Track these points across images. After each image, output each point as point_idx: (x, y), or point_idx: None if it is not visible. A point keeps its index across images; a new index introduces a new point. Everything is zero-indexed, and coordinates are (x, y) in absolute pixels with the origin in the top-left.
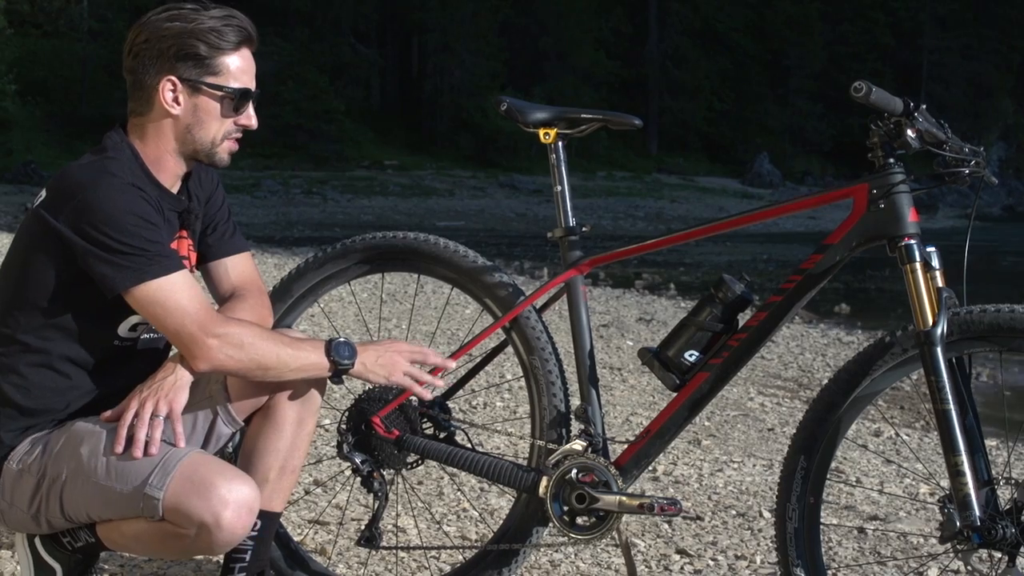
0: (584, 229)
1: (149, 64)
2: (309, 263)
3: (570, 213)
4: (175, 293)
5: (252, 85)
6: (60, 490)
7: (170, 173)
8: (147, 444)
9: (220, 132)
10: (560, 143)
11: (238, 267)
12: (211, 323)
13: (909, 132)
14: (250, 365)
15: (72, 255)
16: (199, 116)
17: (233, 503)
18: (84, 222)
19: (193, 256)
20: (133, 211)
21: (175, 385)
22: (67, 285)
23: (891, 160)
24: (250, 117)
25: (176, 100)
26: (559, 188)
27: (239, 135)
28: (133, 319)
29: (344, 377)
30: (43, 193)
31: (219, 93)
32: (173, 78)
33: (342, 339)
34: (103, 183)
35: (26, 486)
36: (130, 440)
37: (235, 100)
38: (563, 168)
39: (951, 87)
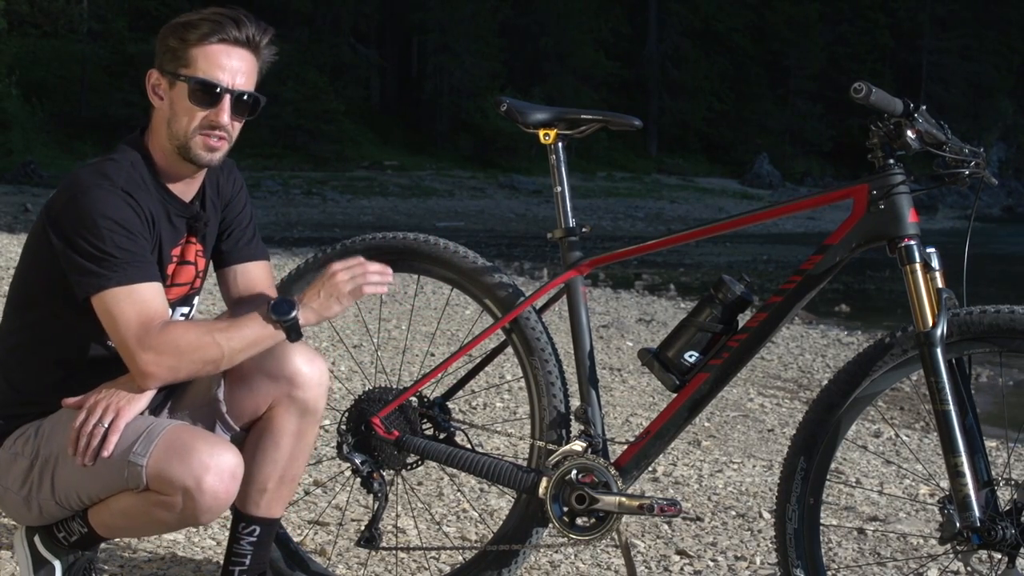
0: (584, 230)
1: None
2: (309, 264)
3: (570, 214)
4: (126, 303)
5: (230, 83)
6: (52, 470)
7: (178, 176)
8: (85, 452)
9: (191, 124)
10: (560, 144)
11: (248, 274)
12: (148, 335)
13: (909, 133)
14: (195, 367)
15: (56, 253)
16: (175, 108)
17: (215, 467)
18: (64, 223)
19: (201, 262)
20: (109, 216)
21: (130, 395)
22: (60, 282)
23: (891, 161)
24: (218, 114)
25: (158, 93)
26: (559, 189)
27: (217, 132)
28: None
29: (303, 332)
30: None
31: (186, 84)
32: (154, 71)
33: (278, 298)
34: (92, 185)
35: (19, 469)
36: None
37: (200, 91)
38: (563, 169)
39: (951, 88)
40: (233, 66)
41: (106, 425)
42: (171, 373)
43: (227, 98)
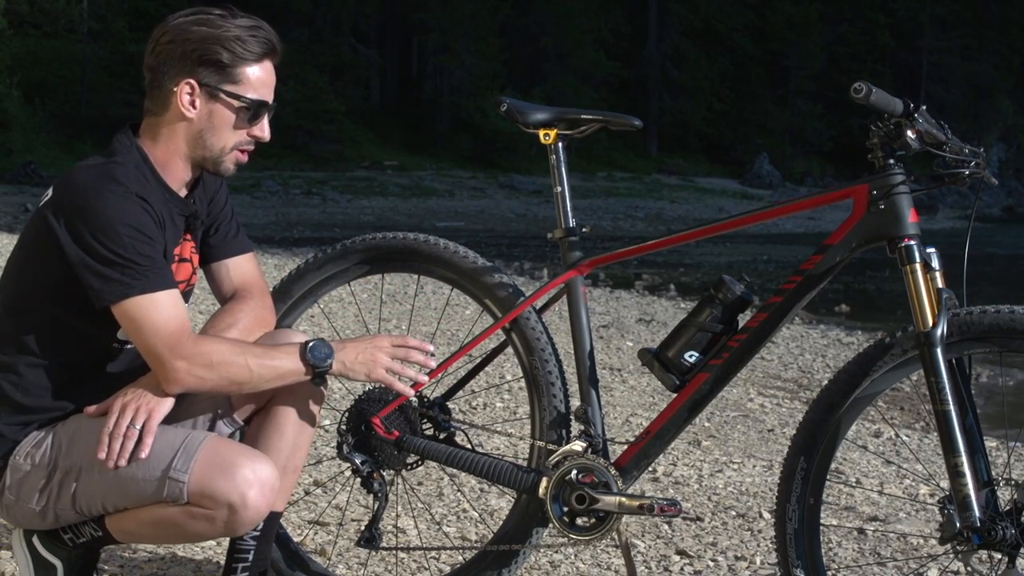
0: (584, 230)
1: (170, 65)
2: (309, 264)
3: (570, 214)
4: (153, 311)
5: (270, 98)
6: (74, 482)
7: (178, 177)
8: (119, 454)
9: (231, 141)
10: (560, 144)
11: (239, 268)
12: (181, 344)
13: (909, 133)
14: (222, 383)
15: (68, 257)
16: (213, 122)
17: (257, 482)
18: (81, 227)
19: (195, 258)
20: (130, 222)
21: (157, 395)
22: (65, 285)
23: (891, 161)
24: (263, 129)
25: (192, 103)
26: (559, 189)
27: (250, 147)
28: None
29: (328, 377)
30: (49, 192)
31: (236, 103)
32: (192, 81)
33: (317, 340)
34: (106, 190)
35: (35, 480)
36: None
37: (251, 111)
38: (563, 169)
39: (951, 88)
40: (272, 80)
41: (138, 427)
42: (198, 383)
43: (267, 113)
